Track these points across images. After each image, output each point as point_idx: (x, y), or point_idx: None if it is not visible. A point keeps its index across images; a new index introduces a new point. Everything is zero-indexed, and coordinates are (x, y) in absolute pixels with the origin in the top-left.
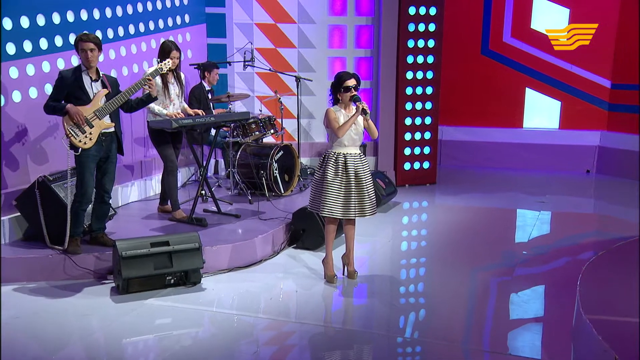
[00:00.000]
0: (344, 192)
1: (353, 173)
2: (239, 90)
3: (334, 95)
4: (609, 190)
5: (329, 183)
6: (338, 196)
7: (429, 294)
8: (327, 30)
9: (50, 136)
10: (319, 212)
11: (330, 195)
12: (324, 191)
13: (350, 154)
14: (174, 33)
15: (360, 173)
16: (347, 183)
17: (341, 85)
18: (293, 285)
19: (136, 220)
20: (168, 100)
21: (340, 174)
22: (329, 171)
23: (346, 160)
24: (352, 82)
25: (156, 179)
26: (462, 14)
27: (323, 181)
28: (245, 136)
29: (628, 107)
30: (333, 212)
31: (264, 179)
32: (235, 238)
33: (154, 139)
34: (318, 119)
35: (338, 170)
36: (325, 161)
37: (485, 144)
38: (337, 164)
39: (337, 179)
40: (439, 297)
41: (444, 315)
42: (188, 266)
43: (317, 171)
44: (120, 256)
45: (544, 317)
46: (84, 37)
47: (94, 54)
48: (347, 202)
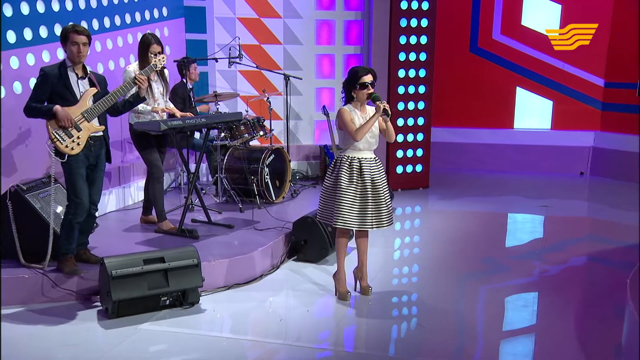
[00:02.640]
0: (359, 200)
1: (369, 179)
2: (221, 90)
3: (348, 92)
4: (606, 192)
5: (343, 191)
6: (353, 205)
7: (454, 311)
8: (314, 26)
9: (21, 143)
10: (332, 223)
11: (345, 205)
12: (337, 200)
13: (365, 158)
14: (151, 27)
15: (376, 179)
16: (362, 191)
17: (357, 81)
18: (302, 304)
19: (117, 232)
20: (152, 100)
21: (355, 180)
22: (343, 178)
23: (361, 165)
24: (369, 77)
25: (136, 186)
26: (450, 10)
27: (336, 189)
28: (234, 139)
29: (622, 107)
30: (348, 223)
31: (255, 185)
32: (232, 252)
33: (137, 143)
34: (305, 120)
35: (353, 176)
36: (338, 166)
37: (475, 145)
38: (352, 169)
39: (351, 186)
40: (467, 316)
41: (479, 338)
42: (186, 285)
43: (327, 177)
44: (109, 276)
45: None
46: (78, 28)
47: (85, 48)
48: (364, 211)
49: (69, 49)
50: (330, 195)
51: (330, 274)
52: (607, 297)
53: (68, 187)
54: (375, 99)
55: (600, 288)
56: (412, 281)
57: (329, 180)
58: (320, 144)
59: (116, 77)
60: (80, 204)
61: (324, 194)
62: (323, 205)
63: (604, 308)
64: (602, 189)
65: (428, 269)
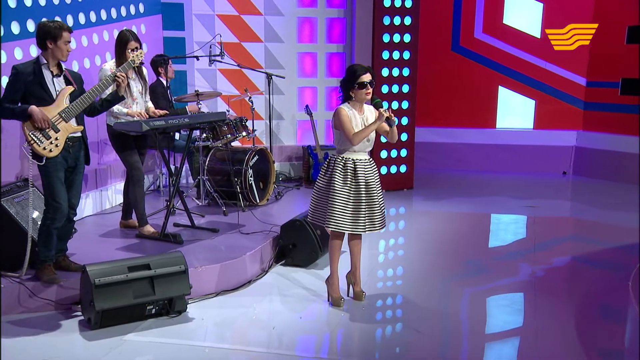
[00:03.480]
0: (353, 203)
1: (363, 182)
2: (201, 89)
3: (345, 91)
4: (589, 192)
5: (336, 193)
6: (346, 208)
7: (450, 314)
8: (296, 23)
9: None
10: (325, 225)
11: (338, 207)
12: (330, 202)
13: (360, 160)
14: (128, 24)
15: (370, 182)
16: (356, 193)
17: (355, 80)
18: (293, 311)
19: (96, 238)
20: (130, 99)
21: (349, 182)
22: (337, 179)
23: (355, 167)
24: (367, 77)
25: (113, 189)
26: (432, 8)
27: (329, 190)
28: (216, 139)
29: (604, 106)
30: (341, 226)
31: (239, 187)
32: (218, 257)
33: (116, 144)
34: (288, 120)
35: (347, 178)
36: (331, 167)
37: (458, 145)
38: (346, 171)
39: (345, 187)
40: (464, 320)
41: (479, 343)
42: (173, 293)
43: (320, 178)
44: (92, 284)
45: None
46: (66, 26)
47: (69, 46)
48: (357, 214)
49: (60, 47)
50: (323, 196)
51: (320, 278)
52: (591, 298)
53: (46, 191)
54: (377, 105)
55: (584, 289)
56: (403, 285)
57: (322, 180)
58: (303, 144)
59: (91, 75)
60: (59, 208)
61: (316, 194)
62: (315, 206)
63: (589, 309)
64: (585, 189)
65: (418, 272)
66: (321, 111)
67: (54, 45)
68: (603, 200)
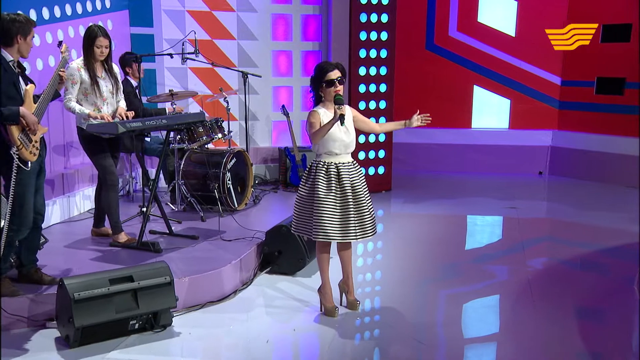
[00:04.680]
0: (340, 209)
1: (349, 186)
2: (172, 88)
3: (316, 92)
4: (566, 192)
5: (321, 200)
6: (334, 215)
7: (444, 323)
8: (270, 20)
9: None
10: (312, 236)
11: (325, 216)
12: (316, 211)
13: (342, 163)
14: (94, 20)
15: (356, 185)
16: (342, 198)
17: (323, 78)
18: (285, 323)
19: (66, 248)
20: (100, 100)
21: (334, 188)
22: (320, 186)
23: (339, 171)
24: (335, 74)
25: (81, 194)
26: (406, 5)
27: (313, 198)
28: (192, 141)
29: (579, 105)
30: (330, 236)
31: (216, 191)
32: (201, 266)
33: (88, 148)
34: (262, 120)
35: (331, 183)
36: (313, 173)
37: (433, 145)
38: (329, 176)
39: (330, 194)
40: (457, 326)
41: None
42: (158, 306)
43: (302, 185)
44: (71, 299)
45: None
46: (33, 21)
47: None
48: (346, 221)
49: (28, 43)
50: (307, 205)
51: (308, 286)
52: (570, 299)
53: (15, 200)
54: (337, 101)
55: (565, 291)
56: (388, 290)
57: (304, 188)
58: (279, 146)
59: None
60: (26, 218)
61: (299, 203)
62: (298, 216)
63: (566, 311)
64: (562, 189)
65: (407, 278)
66: (297, 112)
67: (23, 41)
68: (580, 201)
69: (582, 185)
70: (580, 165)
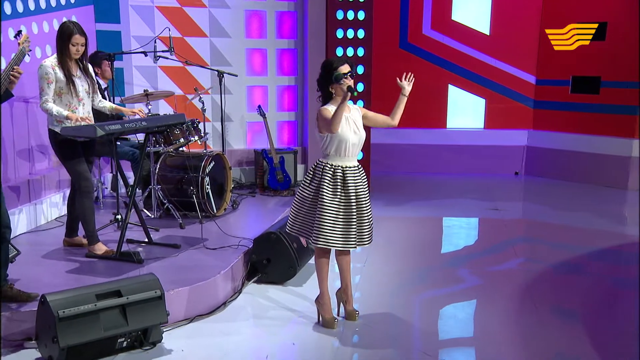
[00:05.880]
0: (343, 217)
1: (354, 192)
2: (139, 89)
3: (325, 90)
4: (542, 192)
5: (325, 205)
6: (337, 222)
7: (442, 331)
8: (243, 17)
9: None
10: (312, 242)
11: (328, 222)
12: (319, 215)
13: (349, 167)
14: (58, 15)
15: (360, 192)
16: (346, 205)
17: (333, 74)
18: (282, 336)
19: (38, 260)
20: (75, 100)
21: (339, 193)
22: (326, 190)
23: (345, 175)
24: (346, 68)
25: (48, 202)
26: (379, 3)
27: (317, 202)
28: (169, 144)
29: (554, 104)
30: (331, 243)
31: (195, 196)
32: (189, 277)
33: (61, 152)
34: (236, 122)
35: (337, 189)
36: (319, 176)
37: (408, 146)
38: (335, 180)
39: (335, 200)
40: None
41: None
42: (148, 322)
43: (305, 186)
44: (56, 317)
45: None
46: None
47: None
48: (347, 229)
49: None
50: (309, 207)
51: (300, 295)
52: (546, 299)
53: None
54: (337, 77)
55: (543, 292)
56: (394, 300)
57: (307, 189)
58: (255, 147)
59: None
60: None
61: (298, 203)
62: (297, 217)
63: (542, 313)
64: (539, 189)
65: (403, 284)
66: (272, 112)
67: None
68: (557, 201)
69: (558, 185)
70: (555, 165)
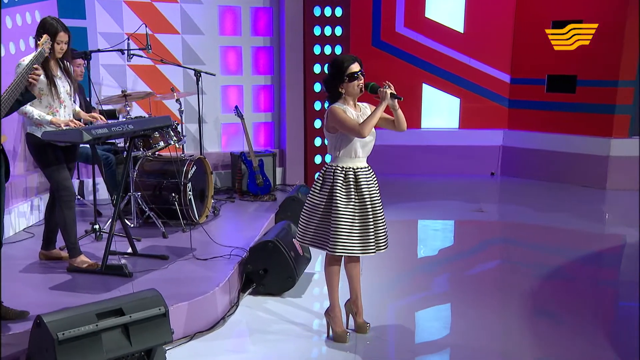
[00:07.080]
0: (359, 221)
1: (368, 195)
2: (108, 90)
3: (334, 89)
4: (518, 193)
5: (340, 211)
6: (353, 228)
7: (482, 347)
8: (217, 13)
9: None
10: (329, 250)
11: (344, 228)
12: (334, 222)
13: (360, 168)
14: (20, 10)
15: (374, 194)
16: (362, 209)
17: (344, 73)
18: (292, 353)
19: (15, 275)
20: (57, 102)
21: (354, 197)
22: (340, 195)
23: (357, 177)
24: (356, 66)
25: (15, 211)
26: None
27: (330, 209)
28: (148, 148)
29: (529, 103)
30: (350, 250)
31: (177, 204)
32: (184, 291)
33: (40, 158)
34: (210, 123)
35: (350, 192)
36: (330, 181)
37: (382, 147)
38: (348, 183)
39: (350, 204)
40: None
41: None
42: (152, 342)
43: (315, 193)
44: (55, 340)
45: None
46: None
47: None
48: (365, 234)
49: None
50: (322, 215)
51: (302, 307)
52: (527, 302)
53: None
54: (373, 88)
55: (525, 294)
56: (401, 311)
57: (318, 197)
58: (230, 150)
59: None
60: None
61: (308, 212)
62: (309, 226)
63: (520, 316)
64: (515, 190)
65: (409, 292)
66: (248, 113)
67: None
68: (535, 202)
69: (535, 186)
70: (531, 165)
